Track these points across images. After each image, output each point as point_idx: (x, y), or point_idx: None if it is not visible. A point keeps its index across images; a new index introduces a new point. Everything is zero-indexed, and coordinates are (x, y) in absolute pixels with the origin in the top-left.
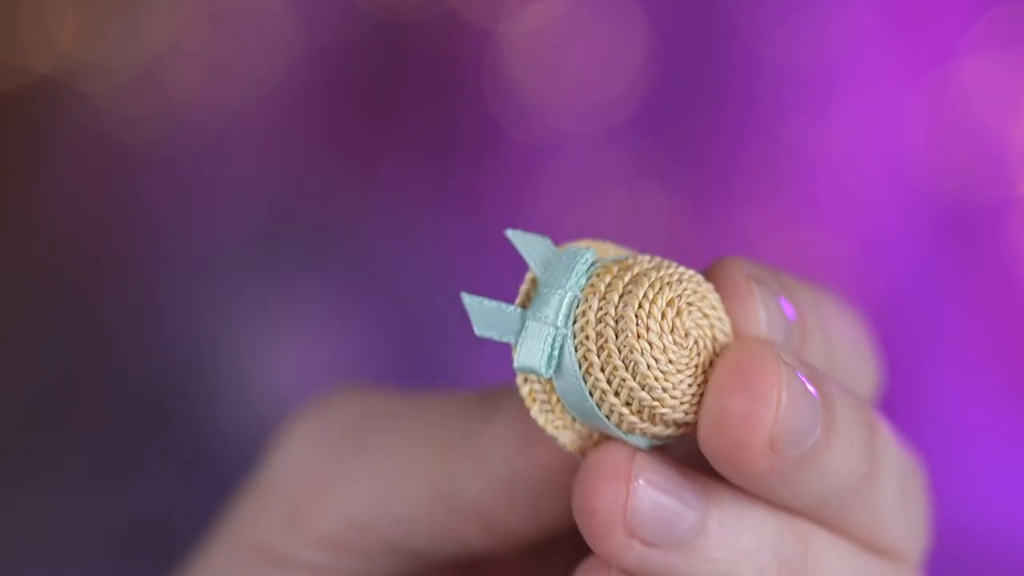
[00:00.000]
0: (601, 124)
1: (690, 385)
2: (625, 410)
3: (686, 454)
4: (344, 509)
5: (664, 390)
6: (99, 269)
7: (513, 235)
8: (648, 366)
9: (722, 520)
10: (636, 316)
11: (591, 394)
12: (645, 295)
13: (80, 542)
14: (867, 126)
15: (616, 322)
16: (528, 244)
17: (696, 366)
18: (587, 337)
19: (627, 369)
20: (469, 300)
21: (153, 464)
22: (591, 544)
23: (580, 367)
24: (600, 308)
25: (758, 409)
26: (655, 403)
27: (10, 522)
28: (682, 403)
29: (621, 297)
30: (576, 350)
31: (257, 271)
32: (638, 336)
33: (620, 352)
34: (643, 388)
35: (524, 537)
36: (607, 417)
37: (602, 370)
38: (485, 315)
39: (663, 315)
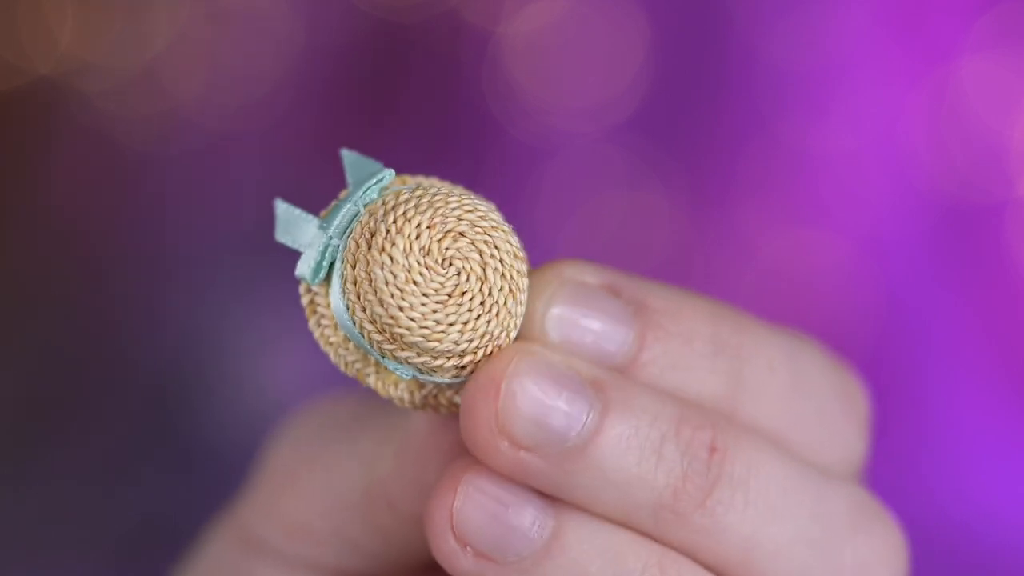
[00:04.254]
0: (601, 124)
1: (436, 311)
2: (370, 326)
3: None
4: (301, 495)
5: (400, 308)
6: (99, 269)
7: (347, 154)
8: (385, 281)
9: (569, 541)
10: (386, 230)
11: (347, 307)
12: (405, 212)
13: (80, 543)
14: (867, 126)
15: (371, 235)
16: (358, 165)
17: (449, 295)
18: (348, 249)
19: (369, 282)
20: (281, 207)
21: (153, 465)
22: (432, 550)
23: (342, 279)
24: (367, 222)
25: (479, 397)
26: (391, 320)
27: (11, 523)
28: (422, 326)
29: (386, 213)
30: (343, 263)
31: (257, 271)
32: (381, 249)
33: (367, 264)
34: (380, 303)
35: None
36: (360, 333)
37: (354, 283)
38: (289, 222)
39: (418, 235)
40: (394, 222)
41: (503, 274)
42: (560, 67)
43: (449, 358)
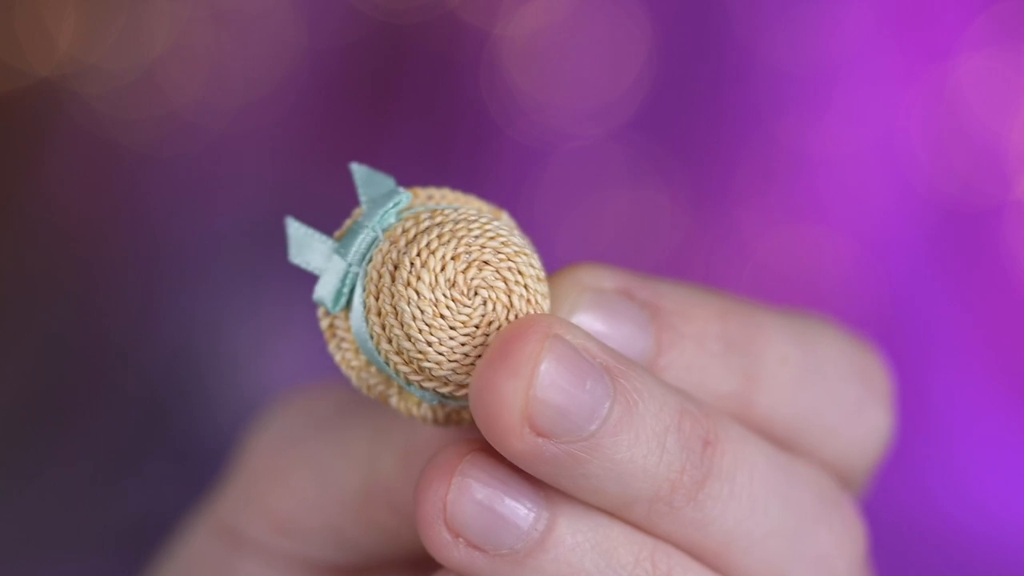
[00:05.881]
0: (602, 124)
1: (464, 344)
2: (396, 358)
3: None
4: (290, 491)
5: (429, 344)
6: (98, 269)
7: (357, 169)
8: (413, 316)
9: (563, 534)
10: (411, 263)
11: (371, 336)
12: (428, 244)
13: (79, 542)
14: (866, 126)
15: (395, 267)
16: (369, 180)
17: (477, 326)
18: (370, 279)
19: (395, 316)
20: (292, 226)
21: (152, 464)
22: (421, 539)
23: (364, 308)
24: (388, 251)
25: (507, 381)
26: (419, 355)
27: (10, 522)
28: (451, 360)
29: (408, 243)
30: (364, 290)
31: (255, 272)
32: (407, 284)
33: (392, 297)
34: (408, 338)
35: None
36: (385, 363)
37: (378, 314)
38: (303, 243)
39: (443, 267)
40: (418, 255)
41: (528, 299)
42: (560, 68)
43: (460, 387)
